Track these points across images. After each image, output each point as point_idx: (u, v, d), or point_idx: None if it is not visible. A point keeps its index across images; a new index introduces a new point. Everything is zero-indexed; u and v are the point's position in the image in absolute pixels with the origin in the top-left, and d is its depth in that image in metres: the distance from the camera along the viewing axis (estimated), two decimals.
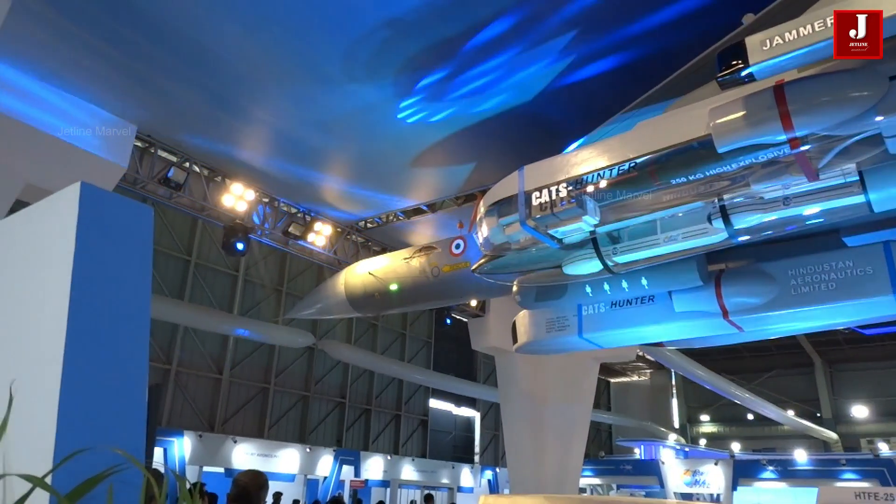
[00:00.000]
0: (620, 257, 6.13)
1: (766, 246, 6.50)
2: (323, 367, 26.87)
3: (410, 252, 10.17)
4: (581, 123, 6.20)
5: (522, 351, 8.62)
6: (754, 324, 6.75)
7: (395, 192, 12.16)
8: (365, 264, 10.96)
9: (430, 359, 32.21)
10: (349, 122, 9.44)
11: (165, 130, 10.68)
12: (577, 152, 5.48)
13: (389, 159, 10.54)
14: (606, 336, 7.69)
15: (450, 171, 10.96)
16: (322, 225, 13.88)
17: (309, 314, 12.51)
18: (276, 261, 25.35)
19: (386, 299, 10.42)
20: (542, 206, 5.31)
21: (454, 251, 9.47)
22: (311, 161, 11.06)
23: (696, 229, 5.60)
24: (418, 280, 9.81)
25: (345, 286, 11.02)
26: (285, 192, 12.98)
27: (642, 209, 5.41)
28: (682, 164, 4.80)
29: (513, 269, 7.08)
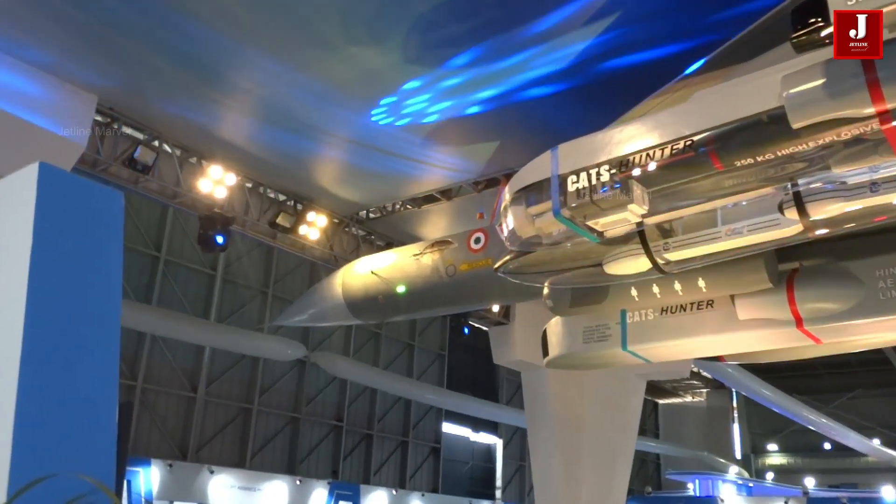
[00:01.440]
0: (673, 254, 6.08)
1: (850, 241, 6.44)
2: (316, 384, 27.01)
3: (421, 247, 10.17)
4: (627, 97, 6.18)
5: (554, 365, 8.60)
6: (834, 334, 6.69)
7: (403, 175, 12.18)
8: (367, 262, 11.00)
9: (443, 375, 32.24)
10: (349, 93, 9.48)
11: (131, 102, 10.74)
12: (622, 128, 5.46)
13: (396, 137, 10.56)
14: (655, 348, 7.65)
15: (468, 150, 10.96)
16: (316, 215, 13.92)
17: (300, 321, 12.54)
18: (261, 257, 25.49)
19: (391, 304, 10.43)
20: (580, 192, 5.29)
21: (473, 246, 9.45)
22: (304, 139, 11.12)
23: (764, 221, 5.54)
24: (430, 281, 9.80)
25: (342, 288, 11.06)
26: (273, 175, 13.04)
27: (700, 196, 5.38)
28: (748, 143, 4.77)
29: (544, 267, 7.04)
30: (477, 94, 9.29)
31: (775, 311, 6.51)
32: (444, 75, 8.86)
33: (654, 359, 8.06)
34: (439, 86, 9.17)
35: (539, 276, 7.28)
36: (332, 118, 10.33)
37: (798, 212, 5.22)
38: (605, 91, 8.33)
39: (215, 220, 12.61)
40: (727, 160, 4.90)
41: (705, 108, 4.99)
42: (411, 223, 14.43)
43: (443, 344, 32.59)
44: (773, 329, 6.69)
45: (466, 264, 9.46)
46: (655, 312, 7.45)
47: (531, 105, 9.16)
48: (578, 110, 8.72)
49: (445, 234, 10.92)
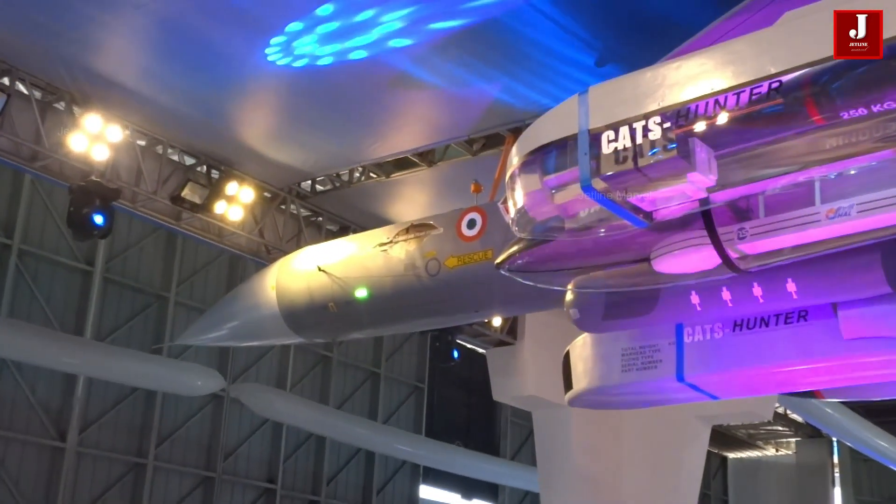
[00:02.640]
0: (752, 244, 6.09)
1: None
2: (238, 431, 26.89)
3: (391, 234, 10.20)
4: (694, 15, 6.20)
5: (581, 403, 8.64)
6: None
7: (364, 131, 12.18)
8: (312, 254, 10.99)
9: (420, 417, 32.21)
10: (283, 5, 9.45)
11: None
12: (679, 64, 5.43)
13: (356, 75, 10.54)
14: (724, 379, 7.70)
15: (458, 95, 10.95)
16: (239, 186, 13.90)
17: (215, 339, 12.62)
18: (159, 247, 25.34)
19: (347, 314, 10.45)
20: (620, 155, 5.28)
21: (466, 232, 9.47)
22: (223, 78, 11.07)
23: (882, 198, 5.55)
24: (403, 281, 9.83)
25: (277, 292, 11.07)
26: (177, 129, 13.02)
27: (791, 162, 5.36)
28: (859, 85, 4.74)
29: (566, 263, 7.05)
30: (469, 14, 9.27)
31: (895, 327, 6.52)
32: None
33: (723, 394, 8.10)
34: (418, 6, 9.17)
35: (559, 276, 7.29)
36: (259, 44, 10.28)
37: None
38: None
39: (92, 193, 12.49)
40: (829, 110, 4.91)
41: (800, 36, 4.99)
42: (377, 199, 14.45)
43: (421, 373, 32.52)
44: (891, 352, 6.71)
45: (456, 258, 9.47)
46: (725, 328, 7.48)
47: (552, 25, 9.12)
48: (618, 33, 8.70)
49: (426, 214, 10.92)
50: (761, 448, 46.37)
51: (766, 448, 46.47)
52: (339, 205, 14.96)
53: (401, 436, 28.46)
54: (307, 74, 10.72)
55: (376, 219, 14.60)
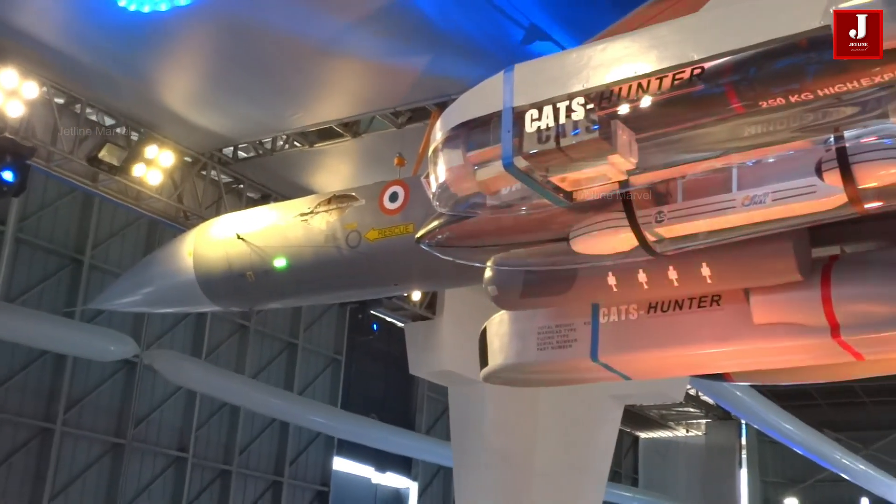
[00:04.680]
0: (669, 228, 6.14)
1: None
2: (150, 398, 26.66)
3: (313, 204, 10.16)
4: None
5: (496, 380, 8.68)
6: (881, 348, 6.91)
7: (289, 99, 12.08)
8: (231, 222, 10.92)
9: (337, 389, 32.23)
10: None
11: None
12: (605, 46, 5.44)
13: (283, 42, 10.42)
14: (638, 360, 7.80)
15: (385, 67, 10.91)
16: (159, 150, 13.75)
17: (129, 304, 12.49)
18: (75, 208, 24.87)
19: (266, 284, 10.41)
20: (543, 133, 5.27)
21: (388, 205, 9.49)
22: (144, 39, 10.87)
23: (796, 187, 5.64)
24: (324, 253, 9.82)
25: (195, 259, 10.98)
26: (96, 87, 12.81)
27: (709, 148, 5.42)
28: (778, 76, 4.82)
29: (487, 240, 7.08)
30: None
31: (804, 314, 6.68)
32: None
33: (636, 375, 8.19)
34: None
35: (479, 253, 7.30)
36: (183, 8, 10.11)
37: (842, 176, 5.35)
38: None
39: (4, 150, 12.29)
40: (749, 98, 4.97)
41: (723, 24, 5.04)
42: (299, 168, 14.36)
43: (339, 345, 32.53)
44: (800, 338, 6.85)
45: (377, 231, 9.49)
46: (640, 310, 7.57)
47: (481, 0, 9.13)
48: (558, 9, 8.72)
49: (348, 186, 10.89)
50: (672, 428, 47.23)
51: (677, 429, 47.35)
52: (261, 173, 14.85)
53: (316, 407, 28.44)
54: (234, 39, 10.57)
55: (298, 188, 14.54)
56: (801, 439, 30.91)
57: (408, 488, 35.32)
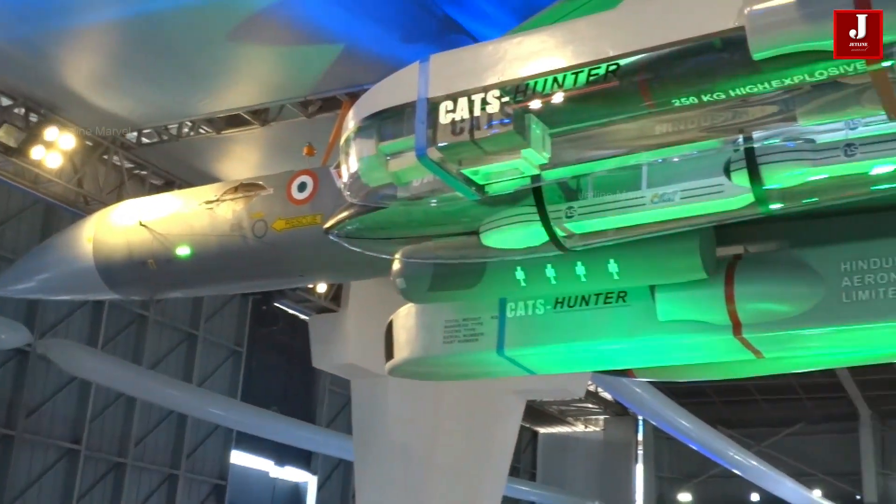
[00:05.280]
0: (578, 224, 6.20)
1: (810, 222, 6.81)
2: (43, 388, 26.02)
3: (218, 192, 10.07)
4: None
5: (401, 374, 8.66)
6: (780, 347, 7.09)
7: (197, 84, 11.90)
8: (134, 208, 10.78)
9: (237, 381, 31.90)
10: None
11: None
12: (521, 39, 5.46)
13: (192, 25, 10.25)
14: (543, 355, 7.85)
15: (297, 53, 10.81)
16: (59, 132, 13.48)
17: (24, 290, 12.25)
18: None
19: (168, 272, 10.29)
20: (457, 125, 5.25)
21: (296, 195, 9.44)
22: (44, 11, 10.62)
23: (704, 185, 5.74)
24: (228, 241, 9.73)
25: (94, 245, 10.76)
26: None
27: (620, 145, 5.50)
28: (691, 75, 4.89)
29: (396, 232, 7.06)
30: None
31: (708, 312, 6.81)
32: None
33: (541, 370, 8.26)
34: None
35: (388, 245, 7.29)
36: None
37: (749, 176, 5.44)
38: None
39: None
40: (661, 96, 5.03)
41: (639, 22, 5.09)
42: (206, 155, 14.18)
43: (240, 336, 32.20)
44: (702, 336, 6.99)
45: (284, 221, 9.43)
46: (547, 305, 7.61)
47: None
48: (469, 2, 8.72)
49: (256, 174, 10.79)
50: (571, 424, 47.88)
51: (576, 424, 48.03)
52: (166, 159, 14.63)
53: (214, 399, 28.08)
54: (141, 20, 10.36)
55: (204, 176, 14.38)
56: (695, 435, 31.59)
57: (307, 482, 35.19)
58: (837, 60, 4.45)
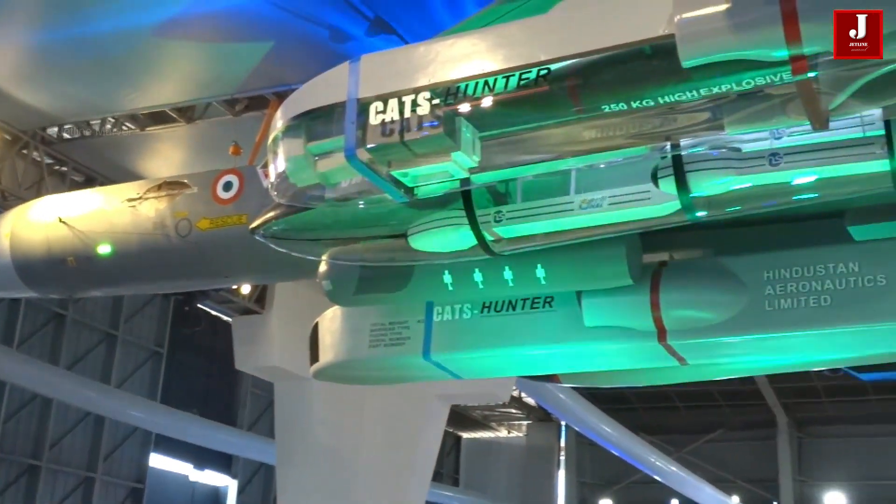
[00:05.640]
0: (507, 228, 6.22)
1: (735, 230, 6.91)
2: None
3: (141, 189, 9.95)
4: None
5: (326, 377, 8.62)
6: (704, 354, 7.18)
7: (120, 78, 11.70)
8: (53, 204, 10.59)
9: (157, 383, 31.47)
10: None
11: None
12: (453, 42, 5.45)
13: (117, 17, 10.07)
14: (469, 360, 7.85)
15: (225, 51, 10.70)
16: None
17: None
18: None
19: (88, 271, 10.16)
20: (387, 127, 5.21)
21: (221, 195, 9.36)
22: None
23: (632, 192, 5.80)
24: (151, 240, 9.62)
25: (11, 241, 10.60)
26: None
27: (551, 150, 5.52)
28: (622, 81, 4.93)
29: (323, 233, 7.01)
30: None
31: (634, 318, 6.86)
32: None
33: (467, 374, 8.24)
34: None
35: (315, 246, 7.23)
36: None
37: (676, 184, 5.50)
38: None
39: None
40: (591, 102, 5.06)
41: (571, 26, 5.10)
42: (129, 152, 13.95)
43: (161, 337, 31.78)
44: (627, 342, 7.05)
45: (208, 220, 9.34)
46: (474, 309, 7.61)
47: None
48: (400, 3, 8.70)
49: (180, 172, 10.66)
50: (494, 429, 48.05)
51: (499, 429, 48.20)
52: (87, 155, 14.38)
53: (133, 401, 27.66)
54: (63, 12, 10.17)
55: (127, 173, 14.19)
56: (617, 441, 31.96)
57: (227, 486, 34.87)
58: (764, 70, 4.52)
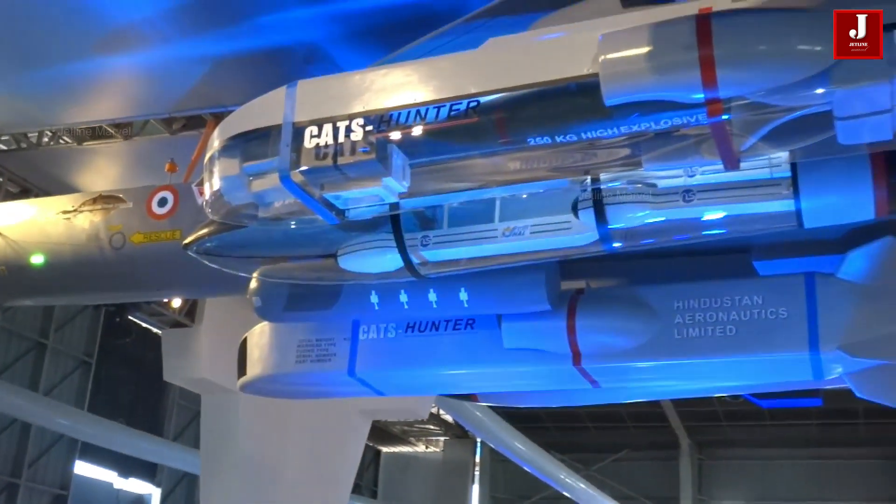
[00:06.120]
0: (433, 252, 6.24)
1: (649, 261, 7.00)
2: None
3: (77, 202, 9.81)
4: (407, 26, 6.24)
5: (252, 390, 8.52)
6: (615, 377, 7.25)
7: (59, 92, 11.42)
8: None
9: (85, 392, 30.74)
10: None
11: None
12: (388, 71, 5.49)
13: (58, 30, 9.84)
14: (393, 377, 7.84)
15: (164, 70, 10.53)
16: None
17: None
18: None
19: (19, 280, 9.97)
20: (321, 151, 5.21)
21: (156, 210, 9.26)
22: None
23: (553, 222, 5.87)
24: (85, 252, 9.47)
25: None
26: None
27: (477, 179, 5.56)
28: (547, 116, 4.99)
29: (255, 251, 6.96)
30: None
31: (551, 341, 6.91)
32: None
33: (389, 391, 8.23)
34: None
35: (247, 263, 7.18)
36: None
37: (595, 215, 5.57)
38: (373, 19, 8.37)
39: None
40: (518, 134, 5.10)
41: (500, 62, 5.16)
42: (66, 165, 13.67)
43: (91, 347, 31.08)
44: (544, 364, 7.09)
45: (142, 235, 9.23)
46: (399, 329, 7.61)
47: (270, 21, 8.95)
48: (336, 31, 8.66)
49: (116, 187, 10.50)
50: (413, 444, 47.86)
51: (417, 444, 48.03)
52: (24, 166, 14.04)
53: (59, 408, 26.95)
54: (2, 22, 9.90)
55: (63, 185, 13.88)
56: (529, 458, 32.06)
57: (150, 494, 34.23)
58: (681, 111, 4.60)
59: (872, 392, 6.33)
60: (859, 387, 6.37)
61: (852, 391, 6.47)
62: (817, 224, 5.51)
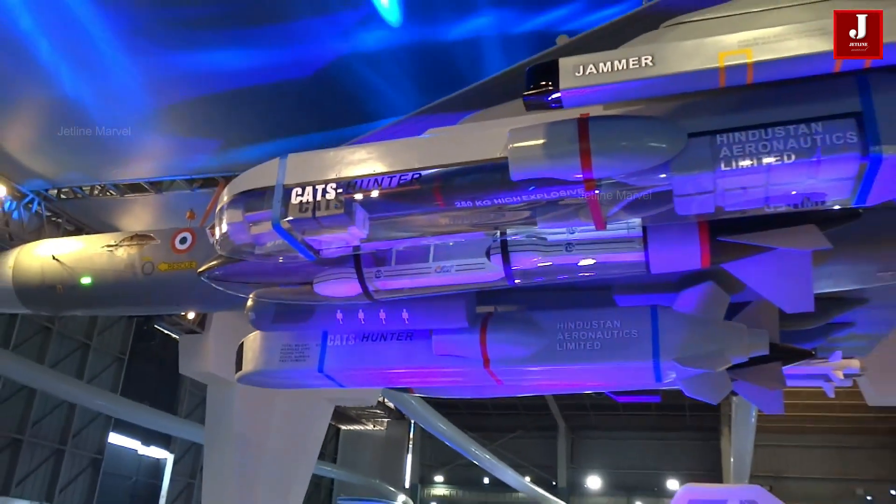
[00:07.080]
0: (384, 282, 6.21)
1: (540, 293, 7.02)
2: None
3: (118, 239, 9.50)
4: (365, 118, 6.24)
5: (246, 381, 8.31)
6: (514, 377, 7.21)
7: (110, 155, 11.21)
8: (50, 245, 9.92)
9: (119, 381, 29.88)
10: None
11: None
12: (355, 150, 5.47)
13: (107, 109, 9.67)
14: (351, 374, 7.71)
15: (187, 143, 10.40)
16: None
17: None
18: None
19: (71, 295, 9.56)
20: (303, 206, 5.19)
21: (178, 246, 9.02)
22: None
23: (471, 263, 5.89)
24: (122, 276, 9.18)
25: (14, 269, 9.91)
26: None
27: (418, 230, 5.56)
28: (470, 186, 5.01)
29: (252, 278, 6.83)
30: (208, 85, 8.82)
31: (468, 350, 6.86)
32: (171, 48, 8.30)
33: (348, 384, 8.11)
34: (165, 65, 8.57)
35: (245, 287, 7.03)
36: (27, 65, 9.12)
37: (503, 259, 5.59)
38: (346, 106, 8.36)
39: None
40: (449, 199, 5.11)
41: (437, 146, 5.19)
42: (110, 211, 13.36)
43: (125, 347, 30.30)
44: (463, 367, 7.03)
45: (167, 264, 9.00)
46: (357, 338, 7.50)
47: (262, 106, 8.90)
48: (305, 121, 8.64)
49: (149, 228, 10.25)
50: (364, 423, 47.40)
51: (368, 424, 47.57)
52: (79, 210, 13.71)
53: (99, 394, 26.16)
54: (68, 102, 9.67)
55: (108, 226, 13.56)
56: (449, 436, 31.95)
57: (166, 459, 33.35)
58: (566, 186, 4.64)
59: (697, 392, 6.39)
60: (688, 388, 6.43)
61: (682, 391, 6.53)
62: (660, 271, 5.61)
